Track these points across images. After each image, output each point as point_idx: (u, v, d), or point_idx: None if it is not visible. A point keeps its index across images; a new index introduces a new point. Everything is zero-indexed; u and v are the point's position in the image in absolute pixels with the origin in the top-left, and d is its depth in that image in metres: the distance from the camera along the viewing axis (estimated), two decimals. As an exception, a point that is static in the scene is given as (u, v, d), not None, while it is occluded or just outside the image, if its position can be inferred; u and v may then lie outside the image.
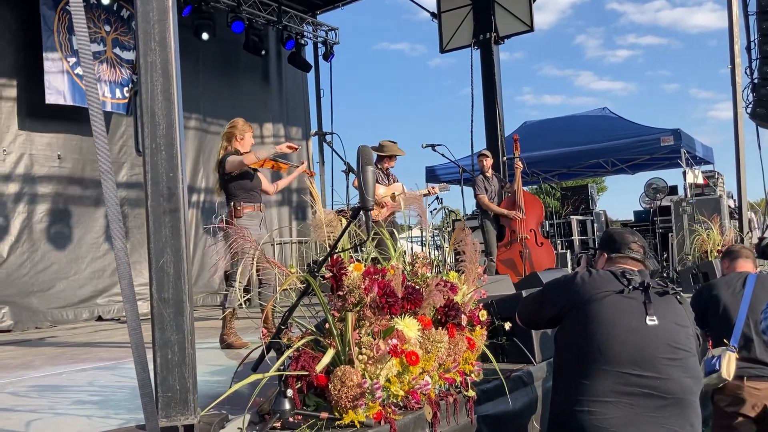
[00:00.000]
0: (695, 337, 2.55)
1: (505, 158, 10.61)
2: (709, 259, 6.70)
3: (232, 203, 5.07)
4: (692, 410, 2.41)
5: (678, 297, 2.56)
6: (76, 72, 8.28)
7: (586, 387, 2.38)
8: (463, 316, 2.77)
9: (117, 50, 8.96)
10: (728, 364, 3.48)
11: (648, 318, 2.41)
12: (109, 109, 8.68)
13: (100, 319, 8.40)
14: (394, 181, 7.16)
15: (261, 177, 5.35)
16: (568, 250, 11.55)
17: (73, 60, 8.29)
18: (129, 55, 9.07)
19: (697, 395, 2.45)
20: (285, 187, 5.57)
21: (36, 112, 8.12)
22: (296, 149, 5.20)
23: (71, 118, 8.41)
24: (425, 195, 7.42)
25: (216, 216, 5.23)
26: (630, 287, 2.47)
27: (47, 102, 7.98)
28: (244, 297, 4.77)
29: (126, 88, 8.90)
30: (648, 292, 2.47)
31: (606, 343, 2.38)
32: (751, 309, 3.63)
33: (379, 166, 7.05)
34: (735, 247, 4.32)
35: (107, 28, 8.89)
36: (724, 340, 3.60)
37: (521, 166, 8.22)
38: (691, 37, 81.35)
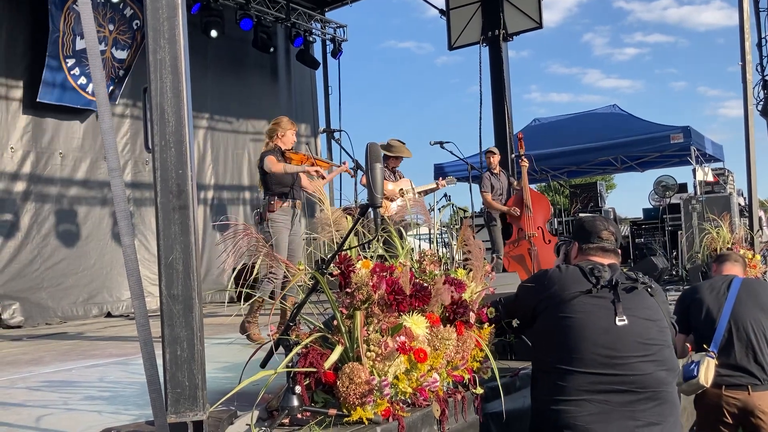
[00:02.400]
0: (670, 327, 2.54)
1: (513, 155, 10.59)
2: (719, 257, 6.66)
3: (268, 197, 5.19)
4: (668, 401, 2.41)
5: (649, 289, 2.54)
6: (72, 73, 8.31)
7: (561, 387, 2.40)
8: (471, 313, 2.77)
9: (113, 49, 8.97)
10: (706, 370, 3.44)
11: (618, 318, 2.41)
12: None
13: (109, 315, 8.46)
14: (400, 178, 7.16)
15: (301, 174, 5.39)
16: (577, 248, 11.51)
17: (71, 61, 8.31)
18: (121, 54, 9.06)
19: (673, 385, 2.46)
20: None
21: (42, 109, 8.17)
22: (323, 177, 5.30)
23: (76, 116, 8.46)
24: (434, 189, 7.42)
25: (255, 211, 5.35)
26: (598, 286, 2.47)
27: (38, 100, 7.99)
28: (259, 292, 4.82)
29: (110, 88, 8.89)
30: (616, 289, 2.46)
31: (577, 347, 2.40)
32: (734, 313, 3.58)
33: (385, 164, 7.06)
34: (725, 252, 4.30)
35: (111, 27, 8.91)
36: (704, 346, 3.56)
37: (527, 163, 8.21)
38: (698, 35, 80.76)
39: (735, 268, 3.95)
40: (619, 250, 2.78)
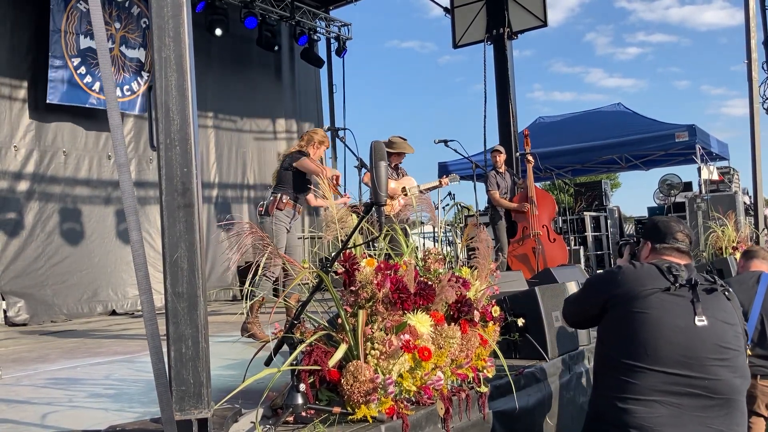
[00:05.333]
0: (743, 334, 2.48)
1: (518, 154, 10.58)
2: (724, 255, 6.64)
3: (279, 194, 5.16)
4: (739, 410, 2.36)
5: (726, 293, 2.47)
6: (79, 72, 8.33)
7: (630, 385, 2.32)
8: (475, 312, 2.77)
9: (123, 48, 8.98)
10: None
11: (697, 318, 2.33)
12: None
13: (114, 313, 8.47)
14: (403, 176, 7.14)
15: (311, 188, 5.45)
16: (582, 246, 11.51)
17: (77, 60, 8.32)
18: (133, 53, 9.08)
19: (744, 394, 2.39)
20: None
21: (45, 109, 8.18)
22: (337, 184, 5.44)
23: (79, 115, 8.48)
24: (437, 187, 7.40)
25: (261, 202, 5.37)
26: (677, 285, 2.38)
27: (48, 101, 8.03)
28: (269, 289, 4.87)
29: (125, 87, 8.92)
30: (696, 290, 2.38)
31: (652, 343, 2.31)
32: (765, 306, 3.61)
33: (387, 162, 7.02)
34: (753, 248, 4.29)
35: (117, 25, 8.92)
36: None
37: (532, 161, 8.19)
38: (701, 34, 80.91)
39: (763, 265, 3.95)
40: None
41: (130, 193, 1.93)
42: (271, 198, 5.18)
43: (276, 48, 11.03)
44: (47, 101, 8.02)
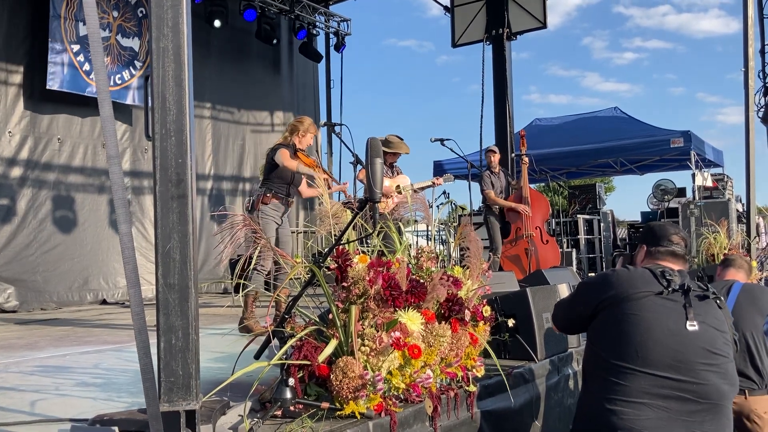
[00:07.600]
0: (733, 343, 2.49)
1: (513, 154, 10.59)
2: (716, 262, 6.68)
3: (264, 189, 5.22)
4: (725, 416, 2.36)
5: (718, 302, 2.49)
6: (78, 59, 8.29)
7: (619, 387, 2.32)
8: (466, 311, 2.77)
9: (119, 37, 8.94)
10: None
11: (688, 323, 2.34)
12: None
13: (104, 302, 8.45)
14: (397, 174, 7.13)
15: (302, 178, 5.42)
16: (574, 249, 11.53)
17: (76, 47, 8.29)
18: (128, 42, 9.05)
19: (731, 401, 2.40)
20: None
21: (41, 95, 8.16)
22: (329, 187, 5.31)
23: (75, 103, 8.44)
24: (430, 186, 7.40)
25: (248, 198, 5.37)
26: (669, 289, 2.39)
27: (48, 87, 8.01)
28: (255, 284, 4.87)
29: (117, 76, 8.88)
30: (688, 295, 2.40)
31: (643, 345, 2.32)
32: (732, 317, 3.59)
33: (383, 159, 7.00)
34: (731, 256, 4.26)
35: (115, 13, 8.88)
36: None
37: (528, 162, 8.21)
38: (697, 42, 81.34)
39: (739, 274, 3.92)
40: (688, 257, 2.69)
41: (120, 185, 1.92)
42: (257, 194, 5.25)
43: (275, 41, 11.00)
44: (47, 87, 7.99)
